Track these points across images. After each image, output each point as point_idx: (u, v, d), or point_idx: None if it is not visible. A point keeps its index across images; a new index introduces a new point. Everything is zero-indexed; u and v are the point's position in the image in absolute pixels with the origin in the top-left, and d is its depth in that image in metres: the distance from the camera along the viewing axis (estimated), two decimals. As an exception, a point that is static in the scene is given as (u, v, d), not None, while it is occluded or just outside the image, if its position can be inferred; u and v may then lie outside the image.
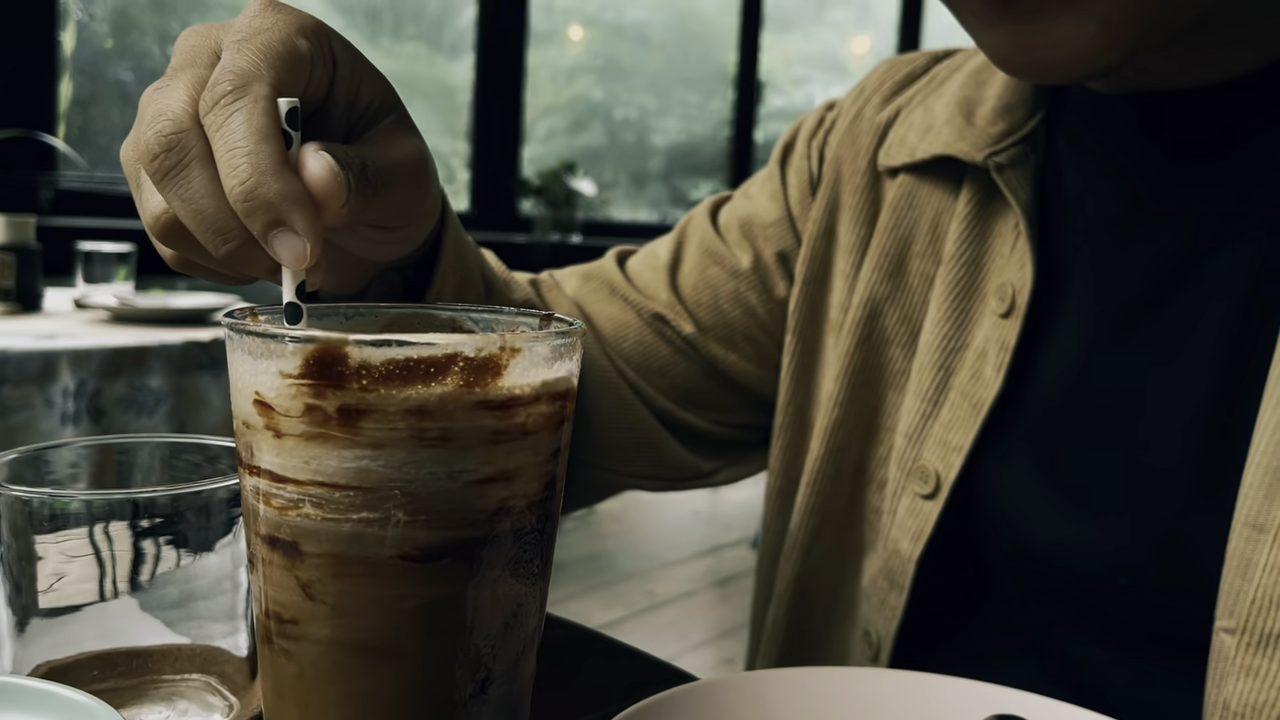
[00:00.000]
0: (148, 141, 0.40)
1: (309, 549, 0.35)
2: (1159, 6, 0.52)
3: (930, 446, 0.67)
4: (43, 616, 0.47)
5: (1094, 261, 0.64)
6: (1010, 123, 0.67)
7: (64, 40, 3.00)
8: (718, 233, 0.80)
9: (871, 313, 0.72)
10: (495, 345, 0.34)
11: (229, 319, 0.36)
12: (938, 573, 0.67)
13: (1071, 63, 0.53)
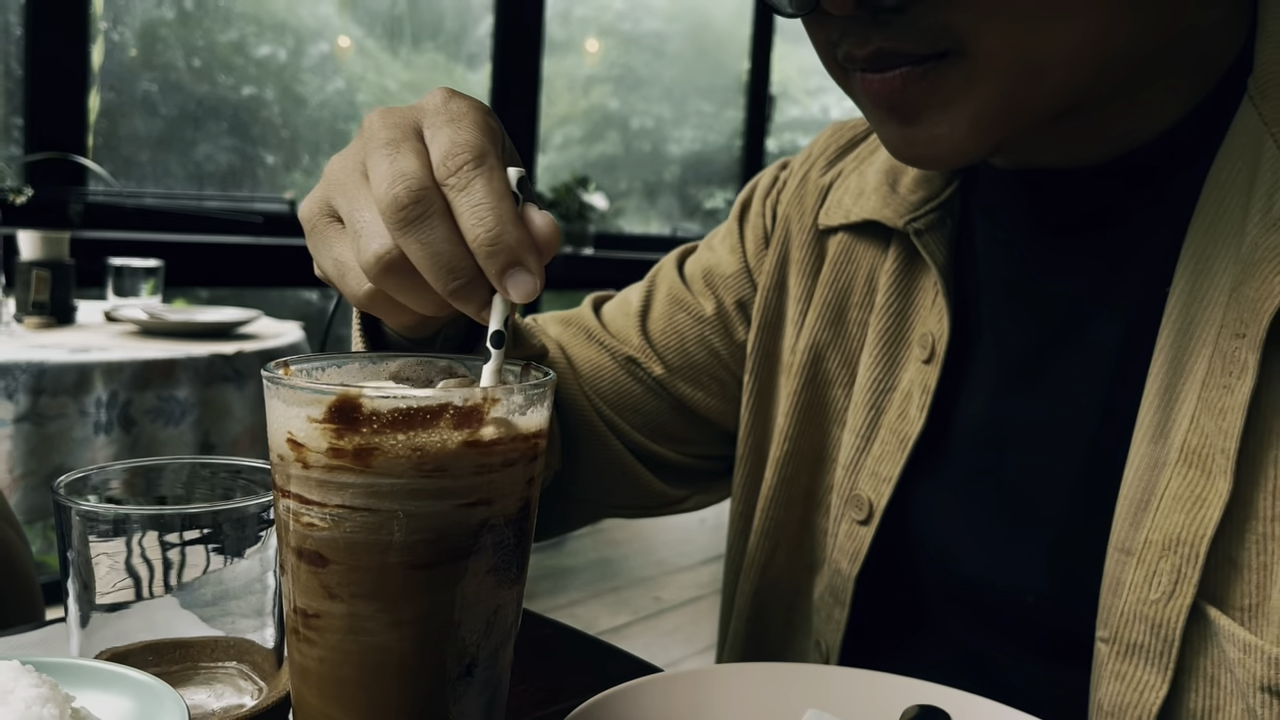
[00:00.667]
0: (396, 195, 0.48)
1: (330, 557, 0.43)
2: (1019, 108, 0.59)
3: (864, 477, 0.75)
4: (102, 611, 0.56)
5: (998, 317, 0.72)
6: (929, 191, 0.75)
7: (93, 55, 3.11)
8: (684, 282, 0.88)
9: (815, 356, 0.79)
10: (479, 396, 0.43)
11: (267, 372, 0.45)
12: (875, 590, 0.75)
13: (948, 155, 0.61)
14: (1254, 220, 0.59)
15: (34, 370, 1.65)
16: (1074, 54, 0.58)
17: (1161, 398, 0.61)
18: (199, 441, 1.80)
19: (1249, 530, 0.58)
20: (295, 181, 3.90)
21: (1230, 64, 0.64)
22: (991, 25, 0.56)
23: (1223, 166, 0.62)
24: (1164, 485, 0.60)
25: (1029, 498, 0.68)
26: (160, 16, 3.41)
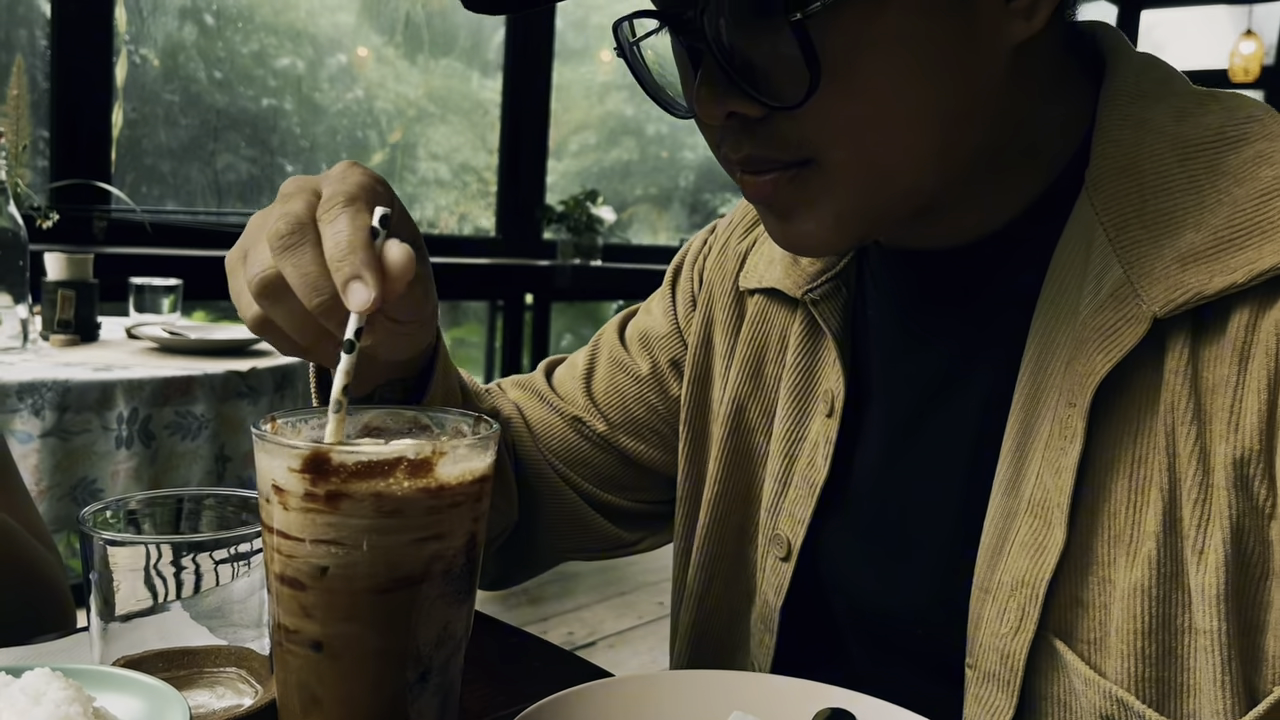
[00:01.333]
0: (278, 227, 0.58)
1: (306, 583, 0.52)
2: (875, 209, 0.67)
3: (783, 518, 0.83)
4: (120, 622, 0.65)
5: (885, 377, 0.80)
6: (826, 263, 0.82)
7: (116, 70, 3.21)
8: (623, 345, 0.97)
9: (739, 407, 0.87)
10: (429, 449, 0.52)
11: (256, 430, 0.54)
12: (798, 619, 0.83)
13: (818, 247, 0.70)
14: (1086, 301, 0.66)
15: (59, 388, 1.75)
16: (918, 164, 0.66)
17: (1014, 455, 0.69)
18: (215, 454, 1.90)
19: (1091, 574, 0.65)
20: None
21: (1071, 156, 0.71)
22: (842, 141, 0.63)
23: (1063, 251, 0.69)
24: (1014, 533, 0.67)
25: (915, 539, 0.76)
26: (183, 30, 3.50)
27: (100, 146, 3.13)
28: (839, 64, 0.61)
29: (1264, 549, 0.61)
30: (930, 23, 0.62)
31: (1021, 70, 0.67)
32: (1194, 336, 0.63)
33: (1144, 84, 0.70)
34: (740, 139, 0.66)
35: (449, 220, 4.48)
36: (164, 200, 3.48)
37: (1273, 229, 0.61)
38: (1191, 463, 0.62)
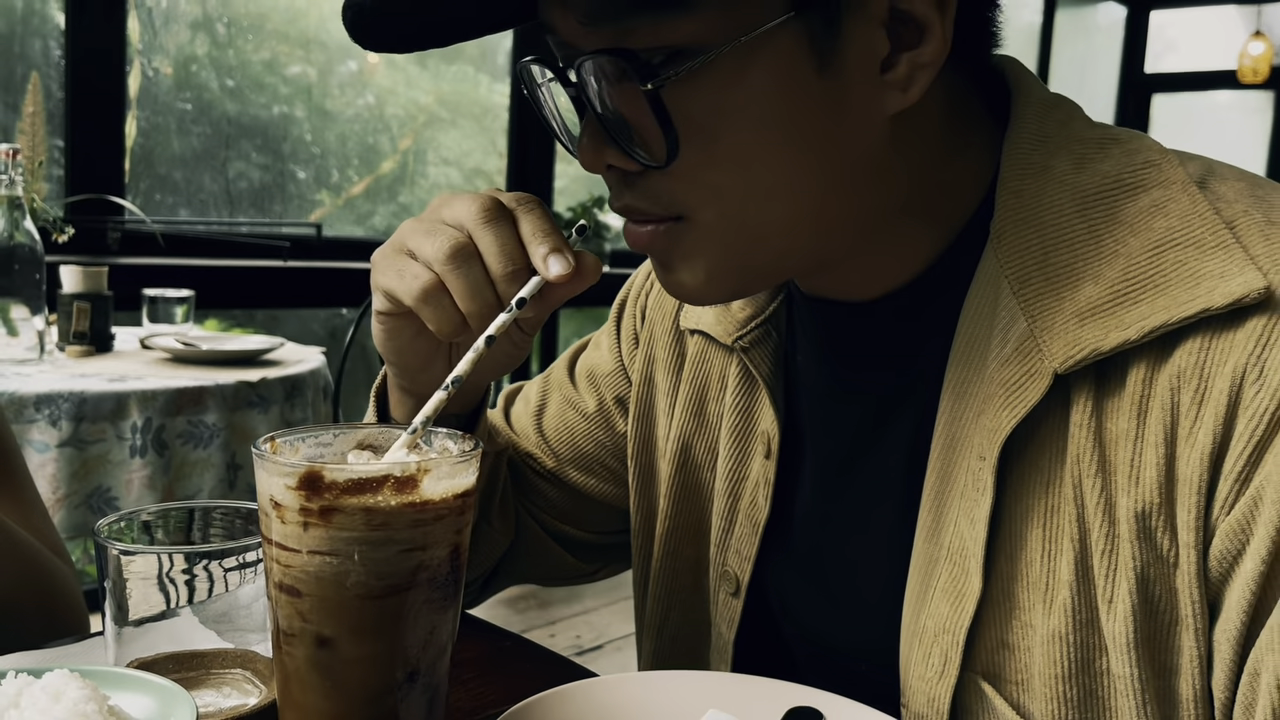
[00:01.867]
0: (471, 208, 0.68)
1: (302, 590, 0.57)
2: (748, 267, 0.69)
3: (731, 555, 0.85)
4: (133, 627, 0.69)
5: (815, 422, 0.81)
6: (756, 307, 0.82)
7: (129, 81, 3.27)
8: (572, 382, 0.99)
9: (684, 445, 0.88)
10: (414, 467, 0.56)
11: (256, 449, 0.58)
12: (753, 650, 0.85)
13: (693, 297, 0.72)
14: (993, 354, 0.67)
15: (75, 399, 1.80)
16: (788, 228, 0.67)
17: (933, 503, 0.70)
18: (226, 462, 1.95)
19: (1014, 618, 0.66)
20: (323, 200, 4.05)
21: (977, 207, 0.71)
22: (710, 203, 0.65)
23: (971, 304, 0.69)
24: (936, 579, 0.69)
25: (851, 579, 0.79)
26: (195, 40, 3.55)
27: (114, 157, 3.18)
28: (701, 131, 0.63)
29: (1171, 597, 0.62)
30: (793, 95, 0.63)
31: (907, 134, 0.68)
32: (1097, 389, 0.63)
33: (1047, 127, 0.70)
34: (620, 190, 0.68)
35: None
36: (177, 208, 3.53)
37: (1164, 283, 0.62)
38: (1098, 514, 0.63)
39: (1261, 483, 0.58)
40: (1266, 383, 0.58)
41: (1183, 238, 0.63)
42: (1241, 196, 0.65)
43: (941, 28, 0.64)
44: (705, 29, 0.60)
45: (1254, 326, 0.59)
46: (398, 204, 4.31)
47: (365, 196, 4.19)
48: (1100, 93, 8.05)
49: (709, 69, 0.61)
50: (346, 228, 4.13)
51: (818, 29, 0.62)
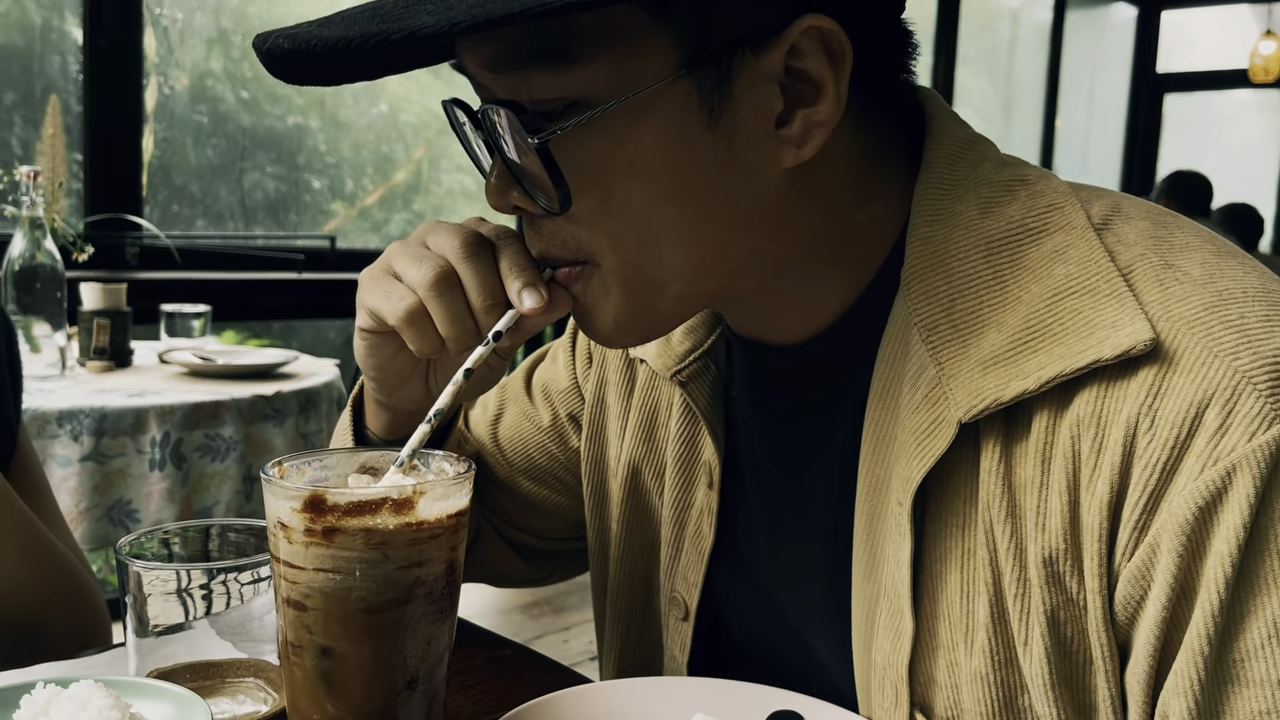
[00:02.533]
0: (454, 242, 0.72)
1: (308, 604, 0.61)
2: (651, 311, 0.70)
3: (679, 581, 0.86)
4: (153, 639, 0.74)
5: (752, 456, 0.82)
6: (694, 341, 0.82)
7: (146, 97, 3.33)
8: (529, 394, 1.00)
9: (634, 470, 0.89)
10: (410, 490, 0.60)
11: (265, 474, 0.63)
12: (709, 672, 0.85)
13: (606, 340, 0.73)
14: (905, 400, 0.68)
15: (96, 414, 1.85)
16: (685, 275, 0.68)
17: (866, 543, 0.72)
18: (243, 475, 2.00)
19: (941, 656, 0.68)
20: (337, 211, 4.10)
21: (889, 253, 0.72)
22: (609, 249, 0.67)
23: (885, 349, 0.70)
24: (879, 617, 0.70)
25: (801, 608, 0.81)
26: (210, 54, 3.61)
27: (132, 173, 3.25)
28: (595, 182, 0.65)
29: (1082, 639, 0.63)
30: (683, 149, 0.64)
31: (810, 185, 0.69)
32: (1006, 436, 0.64)
33: (958, 170, 0.71)
34: (532, 236, 0.71)
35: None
36: (194, 219, 3.58)
37: (1061, 332, 0.62)
38: (1009, 558, 0.64)
39: (1158, 530, 0.59)
40: (1158, 433, 0.59)
41: (1079, 285, 0.64)
42: (1142, 238, 0.66)
43: (836, 87, 0.65)
44: (599, 82, 0.62)
45: (1145, 376, 0.60)
46: (412, 211, 4.35)
47: (380, 204, 4.24)
48: (1112, 92, 8.06)
49: (601, 122, 0.63)
50: (362, 235, 4.18)
51: (708, 87, 0.63)
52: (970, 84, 6.83)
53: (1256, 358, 0.59)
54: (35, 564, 0.97)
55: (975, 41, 6.80)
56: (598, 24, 0.62)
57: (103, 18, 3.08)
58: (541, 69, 0.63)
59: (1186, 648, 0.59)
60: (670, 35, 0.62)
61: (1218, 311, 0.61)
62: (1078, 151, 7.81)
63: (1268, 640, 0.57)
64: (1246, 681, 0.58)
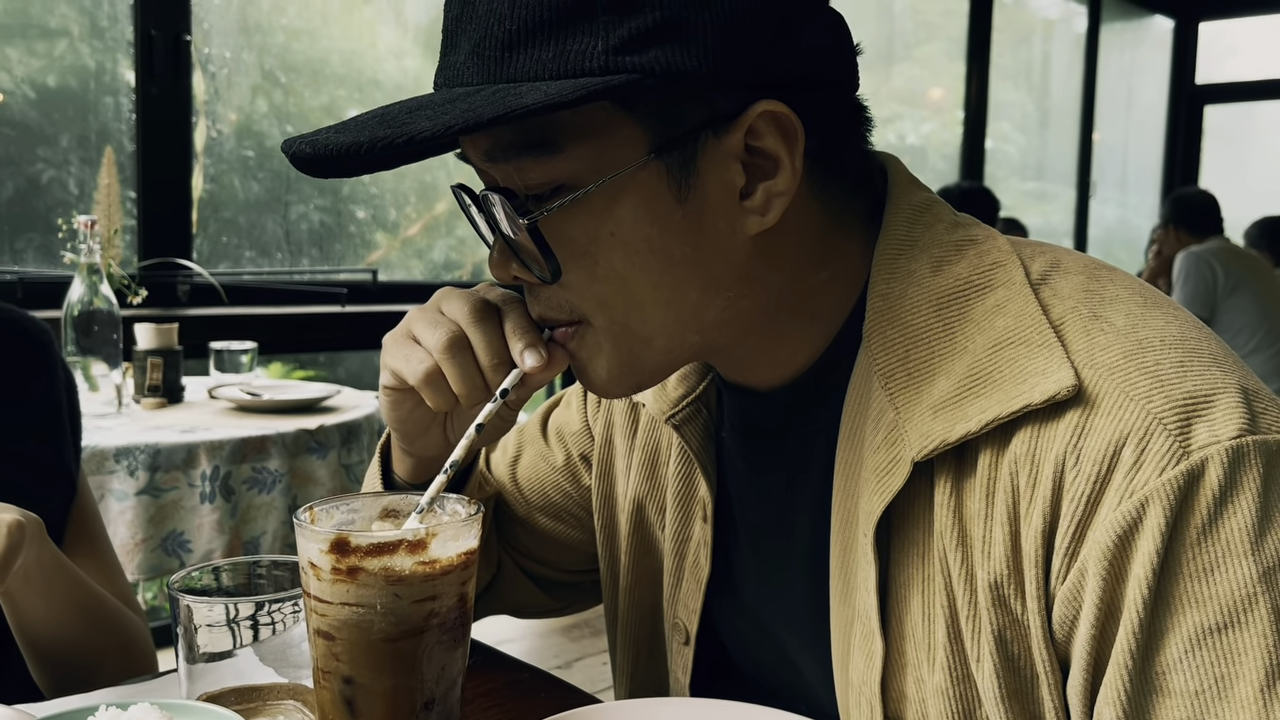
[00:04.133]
0: (465, 307, 0.81)
1: (334, 635, 0.69)
2: (641, 364, 0.77)
3: (680, 608, 0.94)
4: (201, 664, 0.82)
5: (738, 491, 0.90)
6: (688, 387, 0.90)
7: (195, 137, 3.46)
8: (544, 437, 1.07)
9: (639, 505, 0.97)
10: (424, 532, 0.68)
11: (297, 518, 0.71)
12: (710, 691, 0.93)
13: (603, 391, 0.80)
14: (868, 441, 0.74)
15: (150, 450, 1.96)
16: (668, 331, 0.75)
17: (840, 571, 0.78)
18: (288, 505, 2.09)
19: (908, 673, 0.74)
20: (380, 242, 4.21)
21: (852, 308, 0.79)
22: (600, 310, 0.75)
23: (851, 394, 0.77)
24: (855, 638, 0.77)
25: (788, 632, 0.87)
26: (256, 96, 3.73)
27: (182, 212, 3.37)
28: (581, 254, 0.72)
29: (1027, 656, 0.70)
30: (656, 222, 0.72)
31: (776, 248, 0.76)
32: (957, 472, 0.71)
33: (914, 232, 0.78)
34: (532, 301, 0.79)
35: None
36: (242, 250, 3.69)
37: (1000, 378, 0.69)
38: (961, 583, 0.71)
39: (1085, 556, 0.66)
40: (1082, 469, 0.66)
41: (1016, 337, 0.70)
42: (1075, 292, 0.73)
43: (791, 161, 0.72)
44: (580, 168, 0.70)
45: (1070, 419, 0.67)
46: (455, 237, 4.44)
47: (423, 232, 4.33)
48: (1150, 105, 8.01)
49: (584, 202, 0.71)
50: (406, 263, 4.28)
51: (675, 167, 0.71)
52: (1008, 98, 6.83)
53: (1168, 401, 0.65)
54: (90, 620, 1.06)
55: (1011, 55, 6.81)
56: (575, 119, 0.69)
57: (153, 66, 3.22)
58: (530, 158, 0.71)
59: (1114, 662, 0.65)
60: (639, 124, 0.70)
61: (1135, 359, 0.68)
62: (1116, 165, 7.78)
63: (1184, 655, 0.64)
64: (1168, 692, 0.64)
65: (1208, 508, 0.63)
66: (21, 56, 3.12)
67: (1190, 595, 0.64)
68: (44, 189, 3.16)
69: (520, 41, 0.68)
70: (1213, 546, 0.63)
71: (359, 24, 4.00)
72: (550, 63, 0.68)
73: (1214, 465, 0.63)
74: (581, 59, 0.67)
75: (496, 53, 0.69)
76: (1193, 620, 0.63)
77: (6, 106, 3.09)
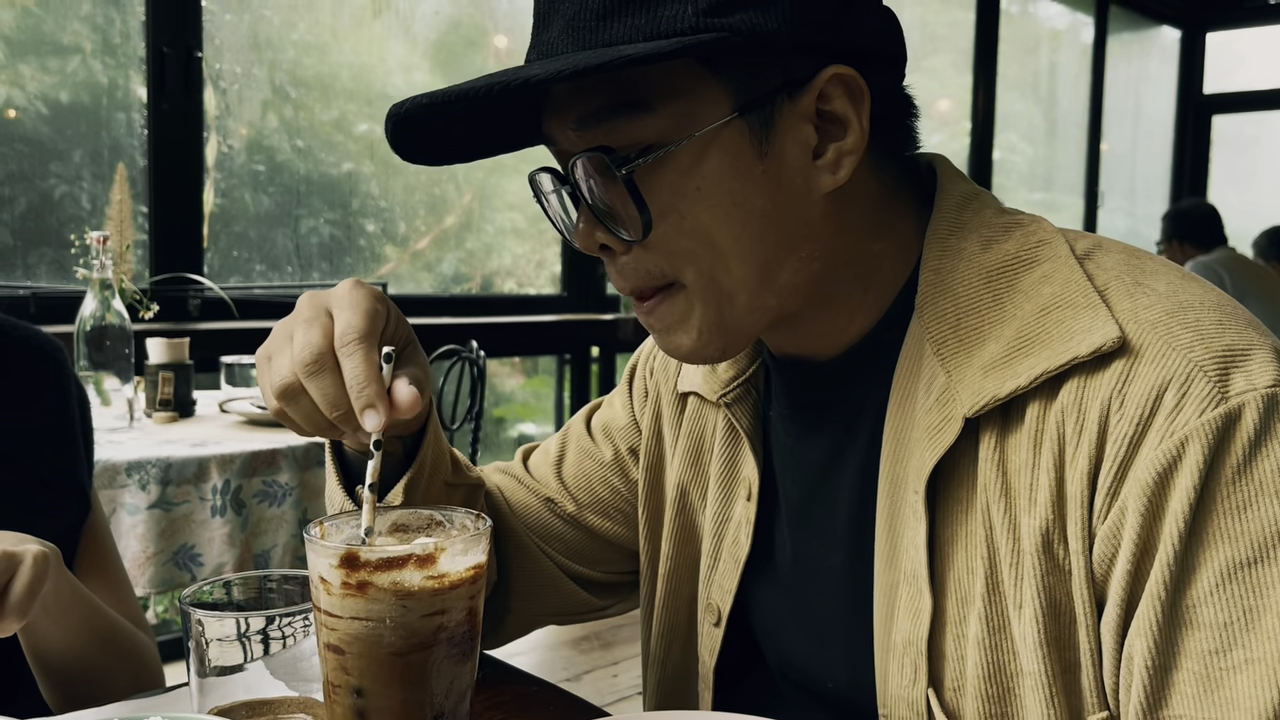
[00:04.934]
0: (301, 355, 0.76)
1: (344, 649, 0.70)
2: (726, 322, 0.81)
3: (714, 589, 0.96)
4: (213, 678, 0.82)
5: (782, 469, 0.93)
6: (738, 369, 0.95)
7: (207, 153, 3.49)
8: (589, 434, 1.11)
9: (683, 490, 1.01)
10: (432, 547, 0.69)
11: (306, 534, 0.71)
12: (735, 678, 0.96)
13: (689, 355, 0.84)
14: (920, 404, 0.79)
15: (162, 464, 1.97)
16: (750, 287, 0.80)
17: (887, 534, 0.81)
18: (298, 519, 2.10)
19: (949, 631, 0.77)
20: (389, 255, 4.23)
21: (906, 279, 0.84)
22: (688, 267, 0.79)
23: (902, 363, 0.82)
24: (899, 599, 0.80)
25: (819, 606, 0.89)
26: (267, 111, 3.75)
27: (193, 227, 3.40)
28: (669, 209, 0.77)
29: (1068, 600, 0.73)
30: (739, 177, 0.77)
31: (841, 212, 0.81)
32: (1002, 428, 0.76)
33: (964, 216, 0.83)
34: (622, 274, 0.82)
35: (526, 268, 4.67)
36: (253, 264, 3.72)
37: (1047, 339, 0.74)
38: (1004, 533, 0.75)
39: (1126, 494, 0.70)
40: (1126, 413, 0.71)
41: (1063, 300, 0.76)
42: (1118, 264, 0.78)
43: (859, 121, 0.78)
44: (669, 127, 0.76)
45: (1116, 368, 0.72)
46: (465, 249, 4.47)
47: (433, 245, 4.35)
48: (1158, 115, 8.01)
49: (672, 159, 0.76)
50: (416, 274, 4.29)
51: (756, 126, 0.77)
52: (1015, 108, 6.83)
53: (1208, 352, 0.70)
54: (103, 644, 1.08)
55: (1018, 66, 6.81)
56: (665, 80, 0.75)
57: (165, 82, 3.24)
58: (622, 119, 0.76)
59: (1147, 595, 0.69)
60: (724, 85, 0.76)
61: (1177, 316, 0.73)
62: (1124, 175, 7.77)
63: (1215, 588, 0.68)
64: (1198, 624, 0.68)
65: (1243, 449, 0.68)
66: (34, 73, 3.15)
67: (1223, 531, 0.68)
68: (57, 204, 3.18)
69: (614, 11, 0.74)
70: (1247, 485, 0.68)
71: (369, 39, 4.03)
72: (643, 27, 0.73)
73: (1250, 410, 0.68)
74: (672, 22, 0.73)
75: (591, 23, 0.75)
76: (1224, 555, 0.67)
77: (20, 122, 3.12)
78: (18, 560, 0.90)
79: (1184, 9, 7.81)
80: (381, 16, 4.03)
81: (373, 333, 0.77)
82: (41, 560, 0.91)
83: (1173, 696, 0.69)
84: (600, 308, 4.60)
